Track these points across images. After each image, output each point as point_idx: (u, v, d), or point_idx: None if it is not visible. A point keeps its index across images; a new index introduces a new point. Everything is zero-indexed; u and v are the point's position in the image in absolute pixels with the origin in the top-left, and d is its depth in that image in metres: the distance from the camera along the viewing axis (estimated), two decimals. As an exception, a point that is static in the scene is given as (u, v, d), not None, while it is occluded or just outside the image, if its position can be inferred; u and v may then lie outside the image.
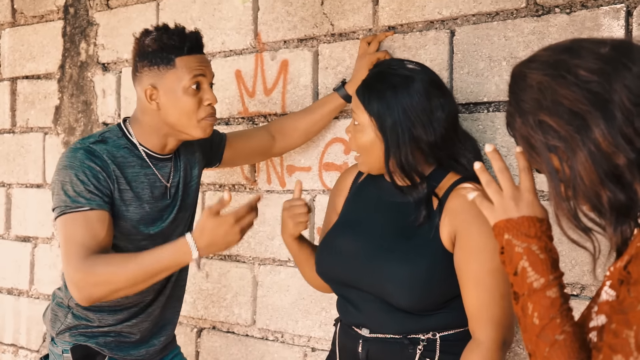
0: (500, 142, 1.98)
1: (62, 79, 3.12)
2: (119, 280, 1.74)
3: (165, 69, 1.86)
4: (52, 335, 2.02)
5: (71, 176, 1.81)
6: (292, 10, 2.40)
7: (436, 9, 2.09)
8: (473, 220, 1.66)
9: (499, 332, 1.63)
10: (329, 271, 1.85)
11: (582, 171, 1.06)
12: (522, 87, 1.14)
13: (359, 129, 1.76)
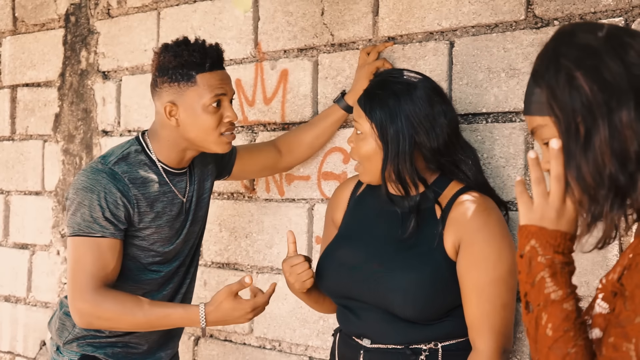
0: (499, 153, 1.99)
1: (62, 87, 3.13)
2: (123, 322, 1.83)
3: (185, 86, 1.85)
4: (58, 345, 2.01)
5: (91, 200, 1.82)
6: (292, 20, 2.42)
7: (436, 20, 2.11)
8: (477, 229, 1.68)
9: (498, 341, 1.65)
10: (330, 284, 1.85)
11: (597, 142, 1.05)
12: (567, 42, 1.12)
13: (361, 137, 1.77)
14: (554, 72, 1.10)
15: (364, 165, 1.80)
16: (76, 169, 3.05)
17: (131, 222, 1.89)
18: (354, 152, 1.81)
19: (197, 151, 1.97)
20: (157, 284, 2.00)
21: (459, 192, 1.76)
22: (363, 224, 1.88)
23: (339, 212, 1.97)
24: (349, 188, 1.99)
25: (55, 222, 3.13)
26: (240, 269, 2.55)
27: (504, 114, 1.99)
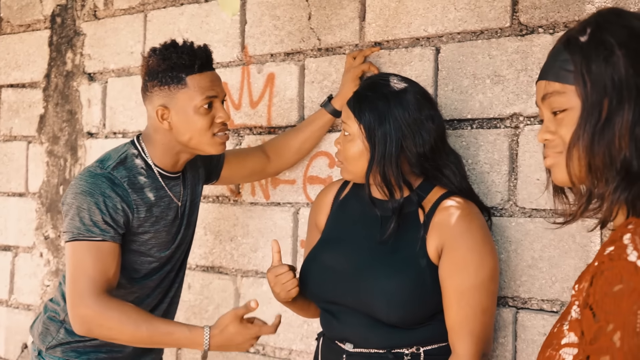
0: (483, 159, 2.00)
1: (48, 88, 3.12)
2: (125, 333, 1.78)
3: (176, 89, 1.85)
4: (41, 349, 1.98)
5: (90, 203, 1.81)
6: (279, 24, 2.42)
7: (422, 27, 2.12)
8: (460, 234, 1.70)
9: (478, 346, 1.66)
10: (314, 289, 1.84)
11: (618, 124, 1.03)
12: (614, 22, 1.08)
13: (349, 139, 1.78)
14: (595, 44, 1.07)
15: (348, 168, 1.81)
16: (60, 170, 3.04)
17: (130, 227, 1.87)
18: (340, 153, 1.82)
19: (192, 154, 1.97)
20: (148, 288, 2.00)
21: (442, 197, 1.78)
22: (346, 227, 1.88)
23: (322, 216, 1.98)
24: (332, 192, 1.99)
25: (39, 224, 3.11)
26: (225, 272, 2.54)
27: (488, 120, 2.01)
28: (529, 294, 1.93)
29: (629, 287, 0.91)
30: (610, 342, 0.91)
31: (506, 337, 1.96)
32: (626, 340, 0.90)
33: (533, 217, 1.93)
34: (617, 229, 0.99)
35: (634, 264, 0.92)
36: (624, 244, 0.95)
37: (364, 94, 1.78)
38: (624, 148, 1.03)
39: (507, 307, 1.96)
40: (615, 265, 0.94)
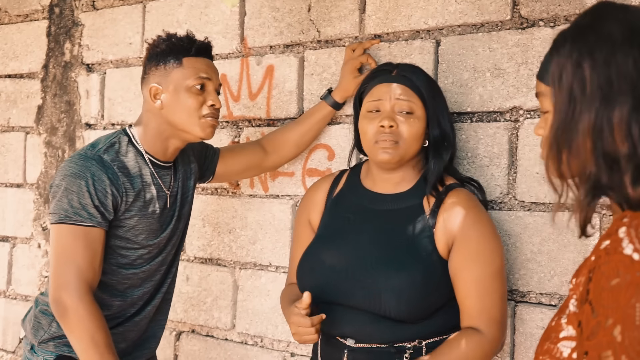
0: (483, 153, 2.00)
1: (46, 79, 3.11)
2: (82, 341, 1.78)
3: (171, 68, 1.89)
4: (33, 344, 1.97)
5: (79, 186, 1.80)
6: (278, 16, 2.41)
7: (422, 19, 2.11)
8: (472, 224, 1.72)
9: (501, 331, 1.71)
10: (315, 287, 1.78)
11: (581, 132, 1.04)
12: (592, 27, 1.07)
13: (413, 117, 1.79)
14: (569, 50, 1.08)
15: (404, 147, 1.78)
16: (59, 161, 3.03)
17: (117, 211, 1.86)
18: (396, 132, 1.78)
19: (182, 141, 1.96)
20: (138, 279, 1.98)
21: (448, 188, 1.80)
22: (346, 224, 1.86)
23: (316, 213, 1.95)
24: (324, 188, 1.98)
25: (37, 215, 3.10)
26: (223, 264, 2.54)
27: (488, 114, 2.01)
28: (528, 287, 1.93)
29: (625, 280, 0.91)
30: (610, 336, 0.91)
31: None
32: (627, 334, 0.90)
33: (532, 211, 1.93)
34: (612, 223, 0.99)
35: (630, 257, 0.92)
36: (620, 238, 0.95)
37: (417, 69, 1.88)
38: (589, 160, 1.04)
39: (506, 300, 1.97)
40: (612, 259, 0.94)
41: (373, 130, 1.79)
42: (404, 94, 1.80)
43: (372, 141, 1.80)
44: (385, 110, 1.80)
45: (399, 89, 1.80)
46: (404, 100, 1.79)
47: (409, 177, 1.85)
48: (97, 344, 1.78)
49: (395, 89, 1.80)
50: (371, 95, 1.83)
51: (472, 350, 1.66)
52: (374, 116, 1.81)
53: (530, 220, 1.93)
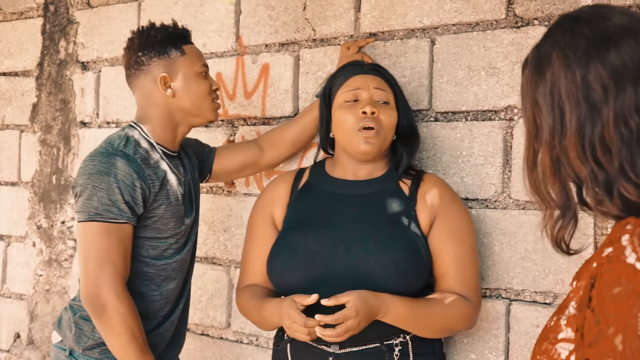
0: (478, 151, 2.00)
1: (40, 77, 3.10)
2: (119, 338, 1.79)
3: (176, 57, 1.94)
4: (73, 349, 1.93)
5: (108, 182, 1.80)
6: (274, 14, 2.41)
7: (417, 18, 2.12)
8: (451, 203, 1.82)
9: (479, 301, 1.83)
10: (301, 277, 1.75)
11: (543, 150, 1.05)
12: (601, 26, 1.04)
13: (389, 107, 1.86)
14: (534, 63, 1.09)
15: (384, 137, 1.84)
16: (53, 160, 3.02)
17: (147, 202, 1.87)
18: (379, 121, 1.83)
19: (189, 127, 2.01)
20: (171, 269, 1.98)
21: (420, 172, 1.90)
22: (320, 211, 1.85)
23: (280, 207, 1.92)
24: (285, 183, 1.96)
25: (32, 214, 3.10)
26: (219, 263, 2.54)
27: (483, 112, 2.01)
28: (522, 285, 1.93)
29: (628, 289, 0.91)
30: (612, 345, 0.91)
31: (499, 329, 1.96)
32: (628, 344, 0.89)
33: (527, 210, 1.93)
34: (614, 229, 0.98)
35: (633, 266, 0.91)
36: (623, 245, 0.94)
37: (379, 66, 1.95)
38: (549, 177, 1.05)
39: (501, 298, 1.97)
40: (614, 267, 0.93)
41: (354, 118, 1.81)
42: (380, 84, 1.87)
43: (353, 129, 1.81)
44: (364, 98, 1.84)
45: (375, 80, 1.87)
46: (381, 90, 1.85)
47: (380, 167, 1.90)
48: (136, 339, 1.80)
49: (371, 79, 1.86)
50: (347, 86, 1.87)
51: (457, 305, 1.74)
52: (351, 105, 1.84)
53: (525, 219, 1.93)
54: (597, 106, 0.99)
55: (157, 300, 1.96)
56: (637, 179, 0.98)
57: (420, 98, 2.11)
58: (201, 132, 2.56)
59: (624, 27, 1.02)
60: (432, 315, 1.70)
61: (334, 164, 1.95)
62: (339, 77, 1.91)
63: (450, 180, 2.04)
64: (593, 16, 1.05)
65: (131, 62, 1.95)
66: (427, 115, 2.11)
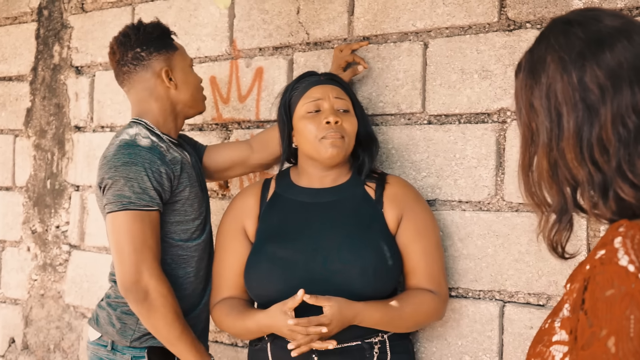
0: (471, 154, 2.01)
1: (35, 81, 3.10)
2: (164, 318, 1.84)
3: (172, 51, 2.05)
4: (116, 344, 1.97)
5: (136, 172, 1.85)
6: (267, 18, 2.42)
7: (410, 21, 2.12)
8: (415, 202, 1.91)
9: (446, 291, 1.93)
10: (281, 287, 1.77)
11: (537, 160, 1.06)
12: (594, 28, 1.04)
13: (350, 114, 1.92)
14: (527, 68, 1.09)
15: (349, 144, 1.91)
16: (47, 164, 3.02)
17: (172, 186, 1.92)
18: (343, 129, 1.88)
19: (184, 118, 2.11)
20: (201, 250, 2.04)
21: (383, 174, 1.96)
22: (293, 220, 1.89)
23: (251, 219, 1.96)
24: (253, 195, 1.99)
25: (26, 218, 3.09)
26: (213, 266, 2.54)
27: (476, 115, 2.02)
28: (516, 287, 1.94)
29: (620, 291, 0.91)
30: (604, 347, 0.91)
31: (493, 331, 1.97)
32: (621, 346, 0.89)
33: (520, 212, 1.94)
34: (608, 232, 0.98)
35: (625, 269, 0.91)
36: (615, 248, 0.94)
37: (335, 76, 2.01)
38: (546, 180, 1.06)
39: (494, 300, 1.98)
40: (607, 269, 0.93)
41: (317, 128, 1.87)
42: (340, 93, 1.92)
43: (317, 138, 1.87)
44: (326, 108, 1.89)
45: (334, 89, 1.92)
46: (341, 99, 1.91)
47: (343, 173, 1.96)
48: (179, 317, 1.87)
49: (331, 89, 1.92)
50: (307, 97, 1.91)
51: (427, 301, 1.83)
52: (313, 116, 1.89)
53: (518, 221, 1.94)
54: (595, 107, 1.00)
55: (193, 282, 2.03)
56: (635, 179, 0.98)
57: (414, 101, 2.11)
58: (196, 135, 2.56)
59: (617, 29, 1.03)
60: (404, 315, 1.80)
61: (298, 173, 1.99)
62: (297, 88, 1.95)
63: (443, 183, 2.05)
64: (585, 19, 1.06)
65: (128, 58, 2.01)
66: (420, 118, 2.11)
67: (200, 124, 2.58)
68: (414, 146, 2.11)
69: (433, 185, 2.07)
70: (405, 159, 2.13)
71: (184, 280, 2.00)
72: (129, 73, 2.02)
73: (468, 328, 2.01)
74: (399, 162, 2.14)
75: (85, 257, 2.85)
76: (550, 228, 1.07)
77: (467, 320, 2.02)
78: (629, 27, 1.04)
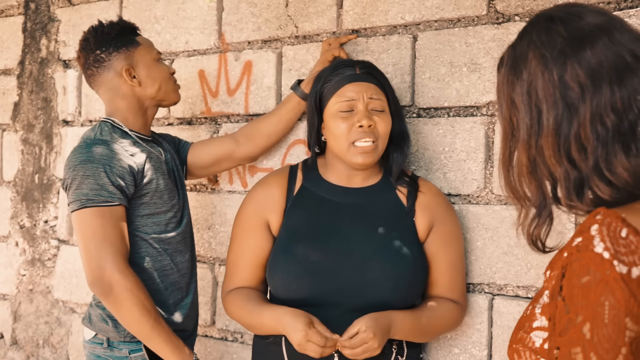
0: (460, 147, 2.01)
1: (22, 75, 3.07)
2: (131, 312, 1.83)
3: (133, 48, 2.04)
4: (115, 340, 1.97)
5: (93, 169, 1.86)
6: (256, 11, 2.41)
7: (399, 14, 2.12)
8: (446, 211, 1.88)
9: (466, 300, 1.94)
10: (308, 289, 1.75)
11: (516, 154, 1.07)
12: (576, 25, 1.05)
13: (385, 114, 1.85)
14: (505, 64, 1.10)
15: (381, 146, 1.84)
16: (36, 159, 3.00)
17: (136, 179, 1.92)
18: (374, 131, 1.81)
19: (156, 108, 2.11)
20: (177, 242, 2.04)
21: (414, 178, 1.91)
22: (323, 220, 1.83)
23: (275, 213, 1.88)
24: (279, 187, 1.91)
25: (14, 213, 3.07)
26: (203, 260, 2.53)
27: (465, 108, 2.02)
28: (505, 280, 1.94)
29: (595, 278, 0.92)
30: (580, 333, 0.93)
31: (482, 324, 1.98)
32: (595, 332, 0.91)
33: (509, 205, 1.94)
34: (586, 219, 1.00)
35: (600, 255, 0.93)
36: (591, 235, 0.95)
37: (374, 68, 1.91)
38: (525, 176, 1.07)
39: (483, 293, 1.98)
40: (583, 256, 0.95)
41: (348, 130, 1.79)
42: (375, 92, 1.83)
43: (348, 141, 1.79)
44: (360, 109, 1.80)
45: (370, 88, 1.82)
46: (376, 99, 1.82)
47: (374, 172, 1.90)
48: (148, 310, 1.84)
49: (366, 88, 1.82)
50: (341, 96, 1.82)
51: (450, 311, 1.84)
52: (346, 116, 1.80)
53: (507, 214, 1.94)
54: (575, 105, 1.01)
55: (172, 274, 2.02)
56: (612, 177, 0.99)
57: (403, 94, 2.11)
58: (184, 129, 2.55)
59: (599, 26, 1.03)
60: (432, 325, 1.80)
61: (327, 166, 1.91)
62: (330, 81, 1.85)
63: (433, 176, 2.05)
64: (567, 15, 1.06)
65: (90, 62, 2.04)
66: (409, 112, 2.11)
67: (189, 118, 2.57)
68: (405, 141, 2.10)
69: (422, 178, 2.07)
70: (394, 152, 2.12)
71: (161, 273, 2.00)
72: (93, 76, 2.05)
73: (457, 321, 2.01)
74: (388, 155, 2.13)
75: (74, 252, 2.83)
76: (530, 222, 1.09)
77: (457, 313, 2.02)
78: (610, 25, 1.04)
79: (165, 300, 2.00)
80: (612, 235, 0.94)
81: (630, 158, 0.99)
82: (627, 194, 1.01)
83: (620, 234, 0.94)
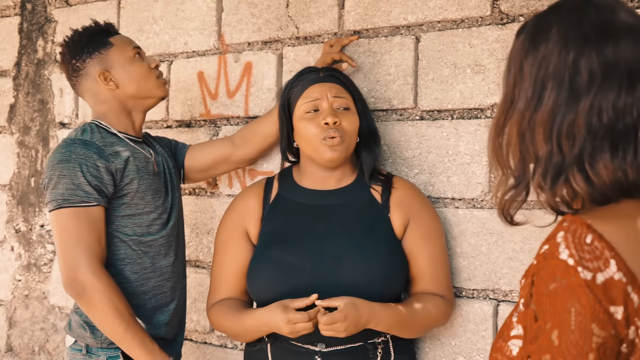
0: (464, 150, 1.98)
1: (18, 77, 3.04)
2: (107, 312, 1.80)
3: (105, 51, 1.99)
4: (93, 346, 1.94)
5: (69, 168, 1.84)
6: (256, 12, 2.37)
7: (402, 15, 2.09)
8: (422, 206, 1.89)
9: (452, 294, 1.93)
10: (285, 292, 1.75)
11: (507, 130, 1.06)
12: (607, 17, 1.04)
13: (351, 112, 1.87)
14: (526, 30, 1.09)
15: (350, 143, 1.86)
16: (32, 162, 2.96)
17: (115, 179, 1.89)
18: (342, 128, 1.84)
19: (144, 110, 2.06)
20: (159, 245, 2.00)
21: (388, 176, 1.92)
22: (298, 224, 1.86)
23: (253, 222, 1.92)
24: (256, 197, 1.95)
25: (10, 217, 3.03)
26: (202, 266, 2.50)
27: (469, 110, 1.98)
28: (510, 286, 1.91)
29: (562, 285, 0.93)
30: (549, 340, 0.94)
31: (487, 330, 1.94)
32: (563, 339, 0.92)
33: (514, 209, 1.90)
34: (555, 227, 1.00)
35: (565, 262, 0.94)
36: (557, 242, 0.96)
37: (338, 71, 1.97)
38: (512, 146, 1.06)
39: (488, 299, 1.95)
40: (549, 264, 0.96)
41: (316, 129, 1.83)
42: (339, 91, 1.87)
43: (317, 139, 1.83)
44: (324, 108, 1.85)
45: (334, 87, 1.87)
46: (341, 98, 1.86)
47: (348, 173, 1.92)
48: (122, 313, 1.82)
49: (329, 87, 1.87)
50: (306, 97, 1.87)
51: (436, 305, 1.82)
52: (312, 116, 1.85)
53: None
54: (578, 92, 1.00)
55: (153, 278, 1.99)
56: (591, 172, 0.99)
57: (406, 96, 2.08)
58: (183, 132, 2.52)
59: (629, 26, 1.03)
60: (416, 319, 1.78)
61: (301, 172, 1.96)
62: (296, 86, 1.91)
63: (436, 180, 2.02)
64: (603, 4, 1.05)
65: (70, 72, 2.03)
66: (412, 114, 2.08)
67: (188, 120, 2.53)
68: (406, 142, 2.07)
69: (426, 182, 2.04)
70: (397, 155, 2.09)
71: (140, 277, 1.96)
72: (75, 85, 2.04)
73: (461, 328, 1.98)
74: (390, 159, 2.10)
75: (71, 257, 2.80)
76: (505, 191, 1.09)
77: (461, 320, 1.99)
78: (639, 28, 1.04)
79: (142, 304, 1.96)
80: (577, 242, 0.95)
81: (614, 159, 0.99)
82: (599, 195, 1.01)
83: (585, 240, 0.95)
